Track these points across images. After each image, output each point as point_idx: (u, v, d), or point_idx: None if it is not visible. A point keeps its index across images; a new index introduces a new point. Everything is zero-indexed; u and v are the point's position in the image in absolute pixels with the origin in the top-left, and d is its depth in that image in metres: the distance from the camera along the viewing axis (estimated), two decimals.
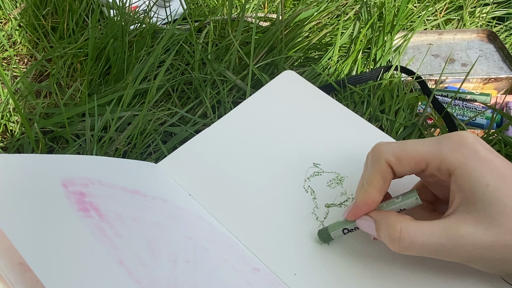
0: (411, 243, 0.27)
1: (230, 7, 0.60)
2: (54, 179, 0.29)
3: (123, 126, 0.48)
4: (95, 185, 0.31)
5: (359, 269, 0.33)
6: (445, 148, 0.28)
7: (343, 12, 0.66)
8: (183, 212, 0.35)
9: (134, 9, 0.62)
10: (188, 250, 0.30)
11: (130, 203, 0.32)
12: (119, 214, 0.29)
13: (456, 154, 0.27)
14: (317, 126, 0.42)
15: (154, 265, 0.27)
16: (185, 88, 0.54)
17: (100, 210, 0.28)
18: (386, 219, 0.29)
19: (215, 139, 0.41)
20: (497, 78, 0.58)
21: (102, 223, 0.27)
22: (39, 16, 0.61)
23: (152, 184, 0.36)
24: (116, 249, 0.26)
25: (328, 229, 0.33)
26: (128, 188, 0.33)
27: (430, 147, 0.28)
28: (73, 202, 0.28)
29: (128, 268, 0.25)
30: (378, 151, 0.30)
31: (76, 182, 0.30)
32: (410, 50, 0.63)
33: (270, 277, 0.32)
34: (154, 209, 0.33)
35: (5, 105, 0.49)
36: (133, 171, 0.37)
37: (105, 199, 0.30)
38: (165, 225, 0.31)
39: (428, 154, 0.28)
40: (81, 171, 0.32)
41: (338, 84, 0.51)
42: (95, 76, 0.53)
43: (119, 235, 0.27)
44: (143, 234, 0.29)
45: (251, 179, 0.38)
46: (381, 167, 0.30)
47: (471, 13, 0.72)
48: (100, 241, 0.26)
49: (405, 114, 0.48)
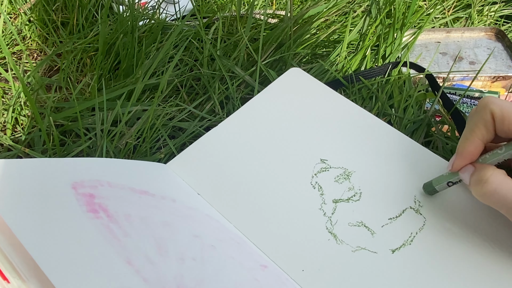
0: (494, 191, 0.29)
1: (239, 3, 0.60)
2: (64, 182, 0.30)
3: (133, 120, 0.48)
4: (104, 186, 0.32)
5: (367, 265, 0.33)
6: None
7: (352, 9, 0.66)
8: (191, 211, 0.35)
9: (143, 5, 0.63)
10: (195, 248, 0.30)
11: (139, 203, 0.32)
12: (128, 215, 0.30)
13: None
14: (324, 122, 0.42)
15: (162, 263, 0.27)
16: (193, 83, 0.54)
17: (109, 211, 0.29)
18: (482, 166, 0.30)
19: (222, 138, 0.42)
20: (505, 77, 0.58)
21: (110, 223, 0.28)
22: (49, 11, 0.62)
23: (161, 185, 0.37)
24: (124, 248, 0.26)
25: (432, 183, 0.35)
26: (137, 188, 0.34)
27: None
28: (82, 204, 0.28)
29: (136, 267, 0.25)
30: (486, 101, 0.30)
31: (86, 184, 0.30)
32: (418, 47, 0.63)
33: (278, 273, 0.33)
34: (163, 208, 0.33)
35: (16, 98, 0.49)
36: (142, 172, 0.37)
37: (114, 200, 0.31)
38: (173, 224, 0.32)
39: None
40: (90, 174, 0.32)
41: (346, 79, 0.51)
42: (104, 71, 0.53)
43: (127, 234, 0.28)
44: (151, 233, 0.29)
45: (258, 177, 0.39)
46: (485, 116, 0.30)
47: (479, 12, 0.72)
48: (108, 241, 0.26)
49: (414, 111, 0.48)
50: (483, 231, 0.33)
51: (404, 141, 0.40)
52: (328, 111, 0.43)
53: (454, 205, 0.35)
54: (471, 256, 0.32)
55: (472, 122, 0.31)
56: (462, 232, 0.34)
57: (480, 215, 0.34)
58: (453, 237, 0.34)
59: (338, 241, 0.34)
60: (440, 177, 0.35)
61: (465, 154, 0.31)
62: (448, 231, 0.34)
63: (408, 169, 0.38)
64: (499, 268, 0.31)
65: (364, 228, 0.35)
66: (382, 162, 0.39)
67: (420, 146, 0.39)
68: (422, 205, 0.36)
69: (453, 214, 0.35)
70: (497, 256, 0.32)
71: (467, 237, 0.33)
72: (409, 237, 0.34)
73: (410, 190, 0.37)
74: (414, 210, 0.36)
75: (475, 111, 0.31)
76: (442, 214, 0.35)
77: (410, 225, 0.35)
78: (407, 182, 0.37)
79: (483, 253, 0.32)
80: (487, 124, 0.30)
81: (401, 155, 0.39)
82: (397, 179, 0.37)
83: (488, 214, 0.34)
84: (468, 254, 0.32)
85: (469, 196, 0.35)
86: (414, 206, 0.36)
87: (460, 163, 0.32)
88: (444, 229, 0.34)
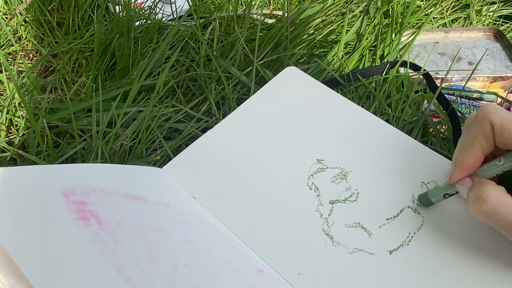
0: (493, 210, 0.28)
1: (236, 3, 0.60)
2: (56, 190, 0.29)
3: (128, 122, 0.48)
4: (97, 193, 0.31)
5: (364, 267, 0.32)
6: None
7: (349, 9, 0.66)
8: (186, 215, 0.35)
9: (140, 5, 0.62)
10: (188, 253, 0.30)
11: (132, 209, 0.32)
12: (119, 221, 0.29)
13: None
14: (320, 121, 0.42)
15: (153, 270, 0.27)
16: (190, 84, 0.54)
17: (100, 218, 0.29)
18: (481, 182, 0.30)
19: (217, 140, 0.41)
20: (504, 77, 0.58)
21: (101, 231, 0.28)
22: (44, 12, 0.61)
23: (155, 189, 0.36)
24: (115, 256, 0.26)
25: (428, 195, 0.34)
26: (130, 194, 0.33)
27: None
28: (73, 211, 0.28)
29: (126, 275, 0.25)
30: (485, 111, 0.29)
31: (78, 191, 0.30)
32: (416, 48, 0.63)
33: (274, 277, 0.32)
34: (156, 214, 0.33)
35: (11, 99, 0.49)
36: (136, 176, 0.37)
37: (106, 207, 0.30)
38: (167, 229, 0.31)
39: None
40: (83, 180, 0.32)
41: (343, 78, 0.51)
42: (100, 71, 0.53)
43: (118, 242, 0.27)
44: (143, 240, 0.29)
45: (254, 179, 0.38)
46: (485, 127, 0.29)
47: (477, 12, 0.72)
48: (98, 249, 0.26)
49: (412, 111, 0.48)
50: (483, 231, 0.33)
51: (402, 139, 0.40)
52: (325, 110, 0.43)
53: (453, 204, 0.35)
54: (470, 256, 0.32)
55: (472, 133, 0.30)
56: (461, 231, 0.33)
57: None
58: (452, 236, 0.33)
59: (335, 243, 0.34)
60: (436, 189, 0.34)
61: (465, 166, 0.30)
62: (447, 231, 0.33)
63: (406, 167, 0.38)
64: (498, 268, 0.31)
65: (361, 229, 0.34)
66: (379, 161, 0.38)
67: (418, 144, 0.39)
68: (420, 205, 0.35)
69: (452, 213, 0.34)
70: (496, 256, 0.31)
71: (466, 236, 0.33)
72: (407, 237, 0.34)
73: (408, 189, 0.36)
74: (412, 209, 0.35)
75: (474, 121, 0.30)
76: (440, 213, 0.34)
77: (408, 225, 0.34)
78: (405, 181, 0.37)
79: (482, 253, 0.32)
80: (487, 135, 0.29)
81: (399, 153, 0.38)
82: (395, 178, 0.37)
83: None
84: (467, 254, 0.32)
85: None
86: (412, 206, 0.35)
87: (458, 175, 0.31)
88: (443, 229, 0.34)
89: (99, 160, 0.42)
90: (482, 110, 0.29)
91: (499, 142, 0.29)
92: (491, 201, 0.28)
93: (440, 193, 0.33)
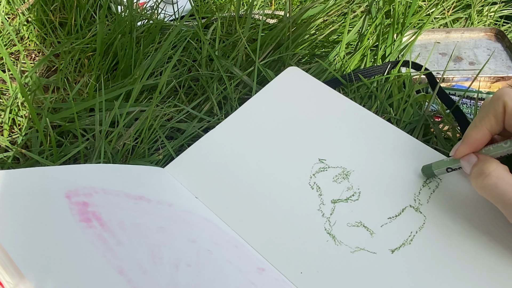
0: (495, 185, 0.29)
1: (238, 4, 0.60)
2: (58, 191, 0.29)
3: (130, 121, 0.48)
4: (99, 193, 0.31)
5: (366, 266, 0.33)
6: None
7: (351, 9, 0.66)
8: (188, 215, 0.35)
9: (142, 5, 0.63)
10: (191, 253, 0.30)
11: (134, 209, 0.32)
12: (122, 222, 0.29)
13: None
14: (322, 121, 0.42)
15: (155, 271, 0.27)
16: (192, 84, 0.54)
17: (102, 219, 0.29)
18: (486, 158, 0.30)
19: (219, 140, 0.41)
20: (505, 77, 0.58)
21: (103, 232, 0.28)
22: (47, 12, 0.62)
23: (158, 189, 0.36)
24: (117, 258, 0.26)
25: (432, 166, 0.35)
26: (132, 194, 0.33)
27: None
28: (75, 213, 0.28)
29: (128, 277, 0.25)
30: (501, 92, 0.30)
31: (80, 192, 0.30)
32: (417, 48, 0.63)
33: (276, 276, 0.32)
34: (158, 214, 0.33)
35: (14, 99, 0.49)
36: (138, 177, 0.37)
37: (108, 208, 0.30)
38: (169, 229, 0.32)
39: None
40: (85, 181, 0.32)
41: (344, 78, 0.51)
42: (102, 71, 0.53)
43: (120, 243, 0.27)
44: (145, 240, 0.29)
45: (256, 179, 0.38)
46: (497, 106, 0.30)
47: (479, 12, 0.72)
48: (100, 251, 0.26)
49: (413, 110, 0.48)
50: (485, 229, 0.33)
51: (404, 138, 0.40)
52: (326, 110, 0.43)
53: (455, 202, 0.35)
54: (472, 255, 0.32)
55: (483, 111, 0.31)
56: (463, 230, 0.33)
57: (481, 212, 0.34)
58: (454, 235, 0.33)
59: (337, 242, 0.34)
60: (440, 162, 0.35)
61: (471, 141, 0.31)
62: (449, 229, 0.34)
63: (408, 166, 0.38)
64: (500, 266, 0.31)
65: (363, 228, 0.35)
66: (381, 160, 0.38)
67: (420, 143, 0.39)
68: (422, 203, 0.35)
69: (454, 211, 0.34)
70: (499, 254, 0.32)
71: (468, 234, 0.33)
72: (409, 236, 0.34)
73: (410, 188, 0.36)
74: (414, 208, 0.35)
75: (489, 101, 0.31)
76: (442, 212, 0.35)
77: (410, 224, 0.34)
78: (407, 180, 0.37)
79: (485, 251, 0.32)
80: (497, 115, 0.30)
81: (400, 152, 0.39)
82: (397, 177, 0.37)
83: (490, 212, 0.34)
84: (469, 252, 0.32)
85: (470, 193, 0.35)
86: (414, 205, 0.35)
87: (464, 150, 0.32)
88: (445, 227, 0.34)
89: (102, 159, 0.43)
90: (499, 91, 0.30)
91: (508, 124, 0.30)
92: (494, 177, 0.29)
93: (444, 166, 0.34)
